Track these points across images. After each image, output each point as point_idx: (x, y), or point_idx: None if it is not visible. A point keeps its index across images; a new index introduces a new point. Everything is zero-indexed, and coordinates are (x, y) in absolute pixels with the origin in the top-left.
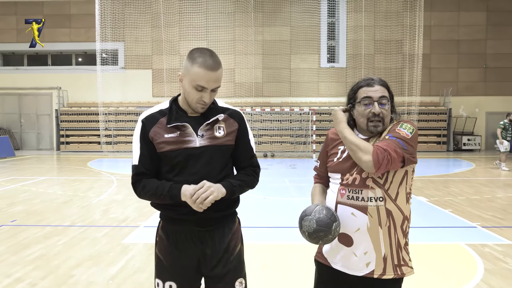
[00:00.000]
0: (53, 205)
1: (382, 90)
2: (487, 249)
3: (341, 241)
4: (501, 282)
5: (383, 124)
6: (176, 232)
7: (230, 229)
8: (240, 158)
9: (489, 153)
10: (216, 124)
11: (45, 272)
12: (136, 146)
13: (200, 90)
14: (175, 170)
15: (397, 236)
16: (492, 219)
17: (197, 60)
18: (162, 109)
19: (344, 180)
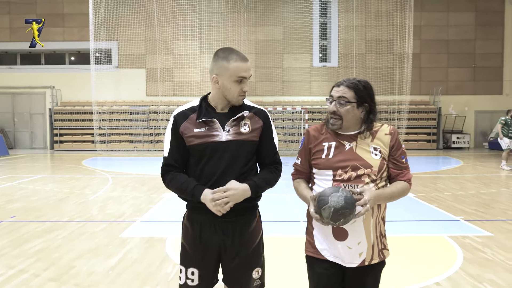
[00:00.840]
0: (50, 202)
1: (345, 91)
2: (467, 240)
3: (335, 236)
4: (477, 270)
5: (342, 121)
6: (200, 221)
7: (250, 221)
8: (264, 154)
9: (478, 151)
10: (242, 120)
11: (47, 264)
12: (167, 140)
13: (240, 81)
14: (202, 162)
15: (379, 224)
16: (474, 213)
17: (231, 57)
18: (192, 106)
19: (337, 176)
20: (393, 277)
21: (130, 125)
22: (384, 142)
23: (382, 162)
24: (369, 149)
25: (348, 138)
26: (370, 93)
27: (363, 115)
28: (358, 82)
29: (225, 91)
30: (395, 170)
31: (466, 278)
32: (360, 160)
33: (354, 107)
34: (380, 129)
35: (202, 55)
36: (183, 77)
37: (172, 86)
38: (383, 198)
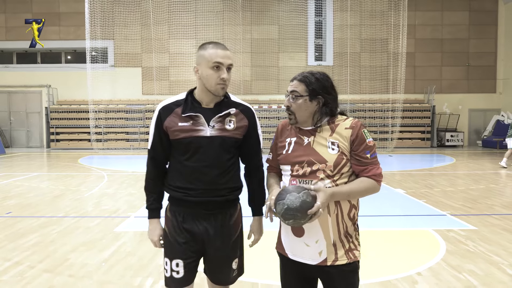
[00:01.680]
0: (46, 198)
1: (296, 85)
2: (451, 234)
3: (293, 232)
4: (458, 261)
5: (294, 117)
6: (183, 213)
7: (232, 213)
8: (248, 152)
9: (471, 149)
10: (227, 117)
11: (42, 256)
12: (151, 132)
13: (217, 68)
14: (185, 156)
15: (344, 223)
16: (461, 208)
17: (208, 45)
18: (178, 99)
19: (294, 172)
20: (376, 268)
21: (126, 124)
22: (344, 136)
23: (340, 157)
24: (326, 143)
25: (307, 133)
26: (325, 84)
27: (317, 108)
28: (311, 74)
29: (204, 80)
30: (358, 166)
31: (446, 269)
32: (315, 155)
33: (307, 100)
34: (341, 123)
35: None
36: (179, 76)
37: (168, 85)
38: (340, 195)
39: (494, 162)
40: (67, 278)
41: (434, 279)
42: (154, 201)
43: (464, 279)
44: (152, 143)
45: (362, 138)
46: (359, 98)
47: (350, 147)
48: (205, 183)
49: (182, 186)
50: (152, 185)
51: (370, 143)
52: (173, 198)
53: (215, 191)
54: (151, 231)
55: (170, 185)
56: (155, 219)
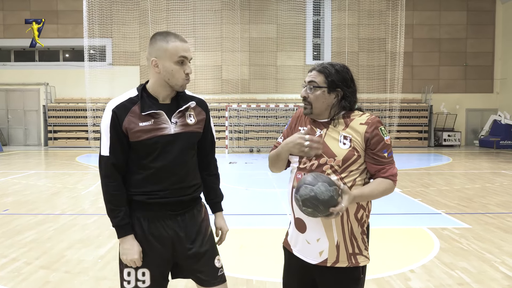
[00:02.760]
0: (43, 196)
1: (315, 75)
2: (446, 232)
3: (296, 226)
4: (451, 258)
5: (311, 107)
6: (148, 217)
7: (199, 211)
8: (205, 146)
9: (469, 148)
10: (186, 111)
11: (39, 253)
12: (105, 136)
13: (181, 62)
14: (150, 157)
15: (350, 224)
16: (456, 206)
17: (169, 38)
18: (131, 97)
19: (302, 164)
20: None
21: None
22: (357, 132)
23: (351, 152)
24: (338, 137)
25: (321, 125)
26: (345, 76)
27: (336, 101)
28: (331, 65)
29: (167, 75)
30: (375, 165)
31: (439, 266)
32: (325, 148)
33: (325, 92)
34: (357, 118)
35: (196, 52)
36: None
37: None
38: (360, 199)
39: (490, 162)
40: (63, 274)
41: (426, 276)
42: (124, 216)
43: (456, 276)
44: (110, 148)
45: (380, 136)
46: None
47: (365, 145)
48: (173, 182)
49: (148, 189)
50: (119, 197)
51: (387, 141)
52: (135, 202)
53: (183, 190)
54: (129, 250)
55: (134, 190)
56: (130, 236)
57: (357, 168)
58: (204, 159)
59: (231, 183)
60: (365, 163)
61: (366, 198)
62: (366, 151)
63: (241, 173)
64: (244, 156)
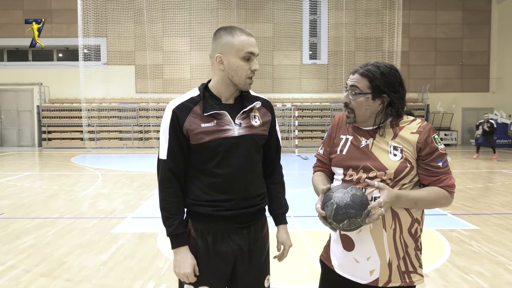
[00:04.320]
0: (40, 198)
1: (358, 79)
2: (454, 234)
3: (343, 244)
4: (464, 262)
5: (354, 115)
6: (212, 231)
7: (263, 225)
8: (270, 151)
9: (465, 147)
10: (251, 112)
11: (38, 260)
12: (164, 138)
13: (248, 59)
14: (213, 161)
15: (403, 240)
16: (461, 207)
17: (235, 31)
18: (193, 96)
19: (346, 176)
20: None
21: (120, 122)
22: (409, 142)
23: (403, 164)
24: (388, 148)
25: (366, 133)
26: (391, 80)
27: (381, 108)
28: (376, 67)
29: (231, 71)
30: (428, 176)
31: (453, 270)
32: (374, 160)
33: (369, 99)
34: (407, 126)
35: (192, 52)
36: (173, 74)
37: (162, 83)
38: (405, 201)
39: (489, 161)
40: (65, 282)
41: (441, 280)
42: (179, 225)
43: (472, 280)
44: (168, 151)
45: (433, 145)
46: None
47: (417, 155)
48: (239, 191)
49: (213, 199)
50: (175, 204)
51: (442, 150)
52: (198, 214)
53: (249, 200)
54: (181, 263)
55: (194, 200)
56: (184, 247)
57: (410, 181)
58: (269, 166)
59: None
60: (418, 175)
61: (413, 202)
62: (418, 161)
63: None
64: None
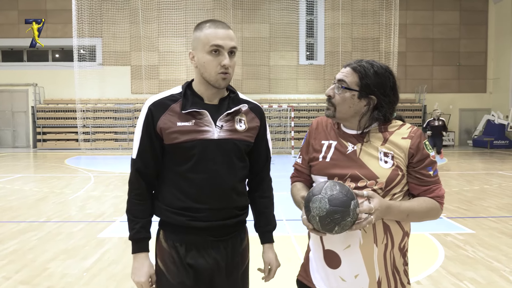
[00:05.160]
0: (29, 201)
1: (348, 73)
2: (449, 238)
3: (326, 261)
4: (458, 268)
5: (334, 110)
6: (185, 243)
7: (242, 238)
8: (258, 160)
9: (462, 148)
10: (237, 115)
11: (19, 266)
12: (137, 137)
13: (216, 52)
14: (187, 165)
15: (393, 256)
16: (457, 210)
17: (205, 25)
18: (173, 93)
19: None
20: None
21: (115, 123)
22: (400, 147)
23: (395, 172)
24: (377, 154)
25: (352, 138)
26: (384, 82)
27: (366, 110)
28: (370, 65)
29: (201, 68)
30: (419, 186)
31: (447, 277)
32: (363, 168)
33: (355, 96)
34: (397, 131)
35: (188, 52)
36: (169, 75)
37: (158, 84)
38: (397, 212)
39: (485, 162)
40: None
41: None
42: (141, 229)
43: (465, 287)
44: (139, 151)
45: (424, 151)
46: None
47: (408, 162)
48: (216, 200)
49: (185, 206)
50: (140, 207)
51: (433, 158)
52: (171, 224)
53: (228, 211)
54: (137, 270)
55: (167, 207)
56: (143, 254)
57: (401, 190)
58: (257, 177)
59: None
60: (407, 183)
61: (404, 213)
62: (408, 169)
63: None
64: None
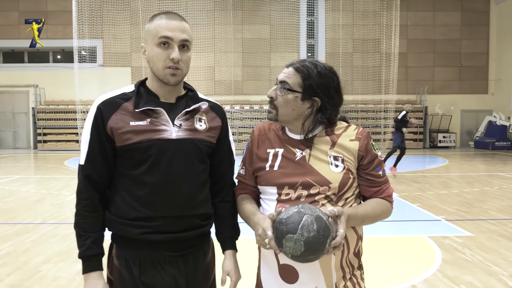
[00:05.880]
0: (26, 203)
1: (290, 74)
2: (447, 241)
3: (282, 275)
4: (455, 272)
5: (276, 112)
6: (139, 259)
7: (206, 252)
8: (220, 163)
9: (464, 150)
10: (196, 114)
11: (11, 269)
12: (85, 140)
13: (165, 45)
14: (142, 167)
15: (349, 262)
16: (456, 212)
17: (157, 16)
18: (125, 92)
19: (282, 195)
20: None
21: None
22: (349, 150)
23: (346, 176)
24: (327, 158)
25: (299, 144)
26: (327, 83)
27: (309, 112)
28: (313, 65)
29: (150, 62)
30: (370, 187)
31: (443, 280)
32: (314, 174)
33: (298, 98)
34: (344, 133)
35: None
36: None
37: None
38: (354, 220)
39: (487, 164)
40: None
41: None
42: (92, 245)
43: None
44: (88, 155)
45: (373, 152)
46: (351, 99)
47: (358, 164)
48: (175, 208)
49: (139, 216)
50: (90, 219)
51: (380, 158)
52: (123, 238)
53: (188, 220)
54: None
55: (118, 218)
56: (95, 273)
57: (353, 193)
58: (219, 181)
59: None
60: (358, 186)
61: (360, 219)
62: (358, 171)
63: None
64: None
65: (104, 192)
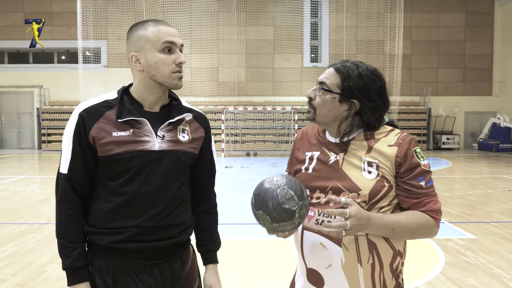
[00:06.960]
0: (30, 203)
1: (330, 75)
2: (450, 243)
3: (310, 280)
4: (458, 274)
5: (314, 112)
6: (113, 267)
7: (184, 261)
8: (201, 174)
9: (467, 151)
10: (179, 125)
11: (16, 269)
12: (66, 148)
13: (169, 50)
14: (122, 179)
15: (383, 277)
16: (460, 215)
17: (148, 23)
18: (108, 99)
19: (314, 199)
20: None
21: None
22: (386, 156)
23: (380, 183)
24: (361, 164)
25: (335, 147)
26: (368, 85)
27: (346, 115)
28: (355, 66)
29: (152, 69)
30: (408, 198)
31: (446, 283)
32: (345, 179)
33: (335, 99)
34: (383, 138)
35: (192, 54)
36: None
37: None
38: (380, 225)
39: (490, 166)
40: None
41: None
42: (80, 256)
43: None
44: (71, 164)
45: (414, 160)
46: None
47: (396, 172)
48: (150, 218)
49: (114, 226)
50: (75, 230)
51: (425, 167)
52: (96, 245)
53: (164, 230)
54: None
55: (93, 227)
56: (83, 284)
57: (389, 203)
58: (200, 192)
59: (226, 189)
60: (397, 196)
61: (389, 227)
62: (396, 179)
63: (237, 178)
64: (240, 160)
65: (86, 201)
